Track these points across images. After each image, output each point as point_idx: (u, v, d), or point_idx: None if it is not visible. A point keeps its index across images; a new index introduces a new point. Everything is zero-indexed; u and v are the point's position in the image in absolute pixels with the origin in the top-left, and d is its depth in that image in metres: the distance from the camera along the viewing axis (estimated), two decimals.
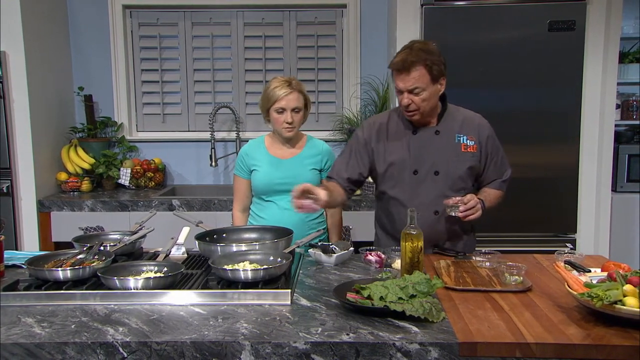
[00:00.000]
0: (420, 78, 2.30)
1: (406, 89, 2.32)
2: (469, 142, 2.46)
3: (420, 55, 2.29)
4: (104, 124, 4.31)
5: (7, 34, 3.65)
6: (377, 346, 1.54)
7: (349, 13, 4.26)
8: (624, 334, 1.55)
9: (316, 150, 2.77)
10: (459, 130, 2.47)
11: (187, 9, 4.31)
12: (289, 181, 2.64)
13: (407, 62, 2.28)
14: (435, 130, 2.46)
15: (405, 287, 1.75)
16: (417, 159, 2.45)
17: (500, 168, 2.55)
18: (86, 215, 3.76)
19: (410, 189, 2.45)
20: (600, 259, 2.28)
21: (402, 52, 2.33)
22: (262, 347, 1.55)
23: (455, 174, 2.44)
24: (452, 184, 2.44)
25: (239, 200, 2.83)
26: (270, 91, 2.64)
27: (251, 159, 2.75)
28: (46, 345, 1.55)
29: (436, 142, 2.45)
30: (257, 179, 2.72)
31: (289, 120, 2.64)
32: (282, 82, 2.65)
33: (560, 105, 3.55)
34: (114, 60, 4.31)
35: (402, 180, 2.46)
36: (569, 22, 3.47)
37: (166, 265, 2.06)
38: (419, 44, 2.35)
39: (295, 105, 2.64)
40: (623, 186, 3.96)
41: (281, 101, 2.62)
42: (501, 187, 2.57)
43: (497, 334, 1.58)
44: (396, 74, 2.34)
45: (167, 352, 1.55)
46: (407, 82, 2.31)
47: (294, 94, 2.63)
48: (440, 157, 2.44)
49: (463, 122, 2.49)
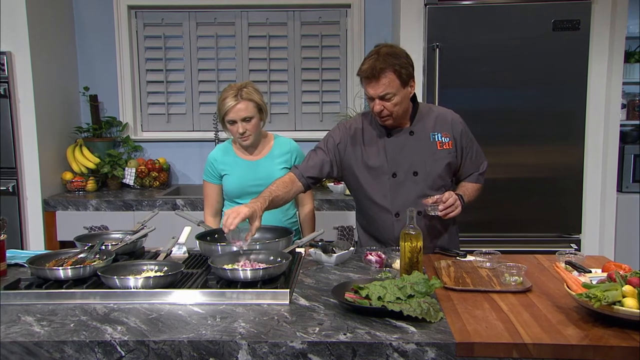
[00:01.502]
0: (390, 84, 2.28)
1: (377, 96, 2.30)
2: (444, 139, 2.45)
3: (388, 61, 2.26)
4: (109, 123, 4.33)
5: (13, 35, 3.68)
6: (373, 346, 1.54)
7: (353, 13, 4.26)
8: (623, 335, 1.54)
9: (285, 148, 2.76)
10: (432, 129, 2.46)
11: (191, 9, 4.33)
12: (263, 182, 2.60)
13: (376, 69, 2.25)
14: (410, 131, 2.45)
15: (403, 287, 1.75)
16: (394, 161, 2.44)
17: (476, 161, 2.56)
18: (91, 215, 3.78)
19: (391, 192, 2.45)
20: (601, 260, 2.27)
21: (370, 58, 2.30)
22: (259, 347, 1.55)
23: (434, 173, 2.44)
24: (432, 183, 2.44)
25: (209, 205, 2.82)
26: (220, 103, 2.62)
27: (220, 164, 2.74)
28: (45, 343, 1.56)
29: (411, 143, 2.44)
30: (229, 183, 2.72)
31: (240, 130, 2.61)
32: (231, 92, 2.61)
33: (564, 105, 3.54)
34: (119, 61, 4.33)
35: (381, 183, 2.46)
36: (573, 22, 3.46)
37: (166, 265, 2.07)
38: (386, 48, 2.32)
39: (244, 115, 2.60)
40: (629, 186, 3.94)
41: (230, 113, 2.59)
42: (479, 180, 2.58)
43: (495, 334, 1.57)
44: (366, 81, 2.31)
45: (165, 351, 1.56)
46: (378, 89, 2.29)
47: (242, 104, 2.59)
48: (417, 157, 2.43)
49: (436, 120, 2.48)
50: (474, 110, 3.54)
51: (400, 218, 2.41)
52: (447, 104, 3.34)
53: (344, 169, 2.52)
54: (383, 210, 2.46)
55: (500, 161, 3.51)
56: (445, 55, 3.50)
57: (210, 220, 2.81)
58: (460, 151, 2.49)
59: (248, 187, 2.68)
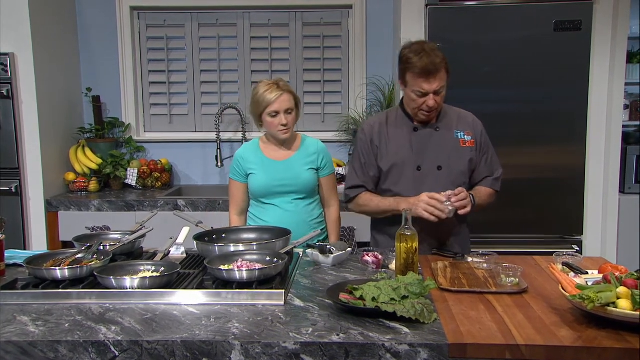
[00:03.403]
0: (443, 77, 2.37)
1: (433, 91, 2.35)
2: (467, 137, 2.52)
3: (440, 55, 2.35)
4: (112, 124, 4.34)
5: (16, 36, 3.69)
6: (366, 347, 1.54)
7: (354, 14, 4.26)
8: (616, 337, 1.53)
9: (312, 149, 2.76)
10: (456, 126, 2.53)
11: (193, 10, 4.34)
12: (288, 182, 2.65)
13: (435, 65, 2.31)
14: (436, 127, 2.51)
15: (397, 288, 1.75)
16: (420, 155, 2.48)
17: (491, 165, 2.59)
18: (93, 215, 3.80)
19: (414, 185, 2.47)
20: (599, 261, 2.26)
21: (422, 54, 2.32)
22: (252, 347, 1.55)
23: (457, 169, 2.49)
24: (455, 179, 2.47)
25: (235, 204, 2.81)
26: (260, 96, 2.63)
27: (247, 163, 2.74)
28: (39, 343, 1.57)
29: (437, 138, 2.50)
30: (255, 183, 2.72)
31: (283, 122, 2.63)
32: (270, 85, 2.63)
33: (566, 106, 3.52)
34: (121, 61, 4.34)
35: (405, 177, 2.49)
36: (575, 22, 3.45)
37: (163, 265, 2.08)
38: (428, 44, 2.38)
39: (287, 106, 2.63)
40: (631, 187, 3.92)
41: (274, 104, 2.61)
42: (493, 185, 2.59)
43: (488, 335, 1.57)
44: (422, 77, 2.33)
45: (158, 351, 1.57)
46: (434, 84, 2.34)
47: (285, 96, 2.62)
48: (441, 152, 2.48)
49: (459, 119, 2.56)
50: (475, 111, 3.47)
51: None
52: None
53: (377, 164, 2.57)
54: None
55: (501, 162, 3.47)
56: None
57: (235, 219, 2.81)
58: (478, 151, 2.54)
59: (273, 187, 2.68)
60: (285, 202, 2.69)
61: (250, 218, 2.80)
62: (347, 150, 4.27)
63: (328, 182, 2.80)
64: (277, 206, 2.70)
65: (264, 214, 2.73)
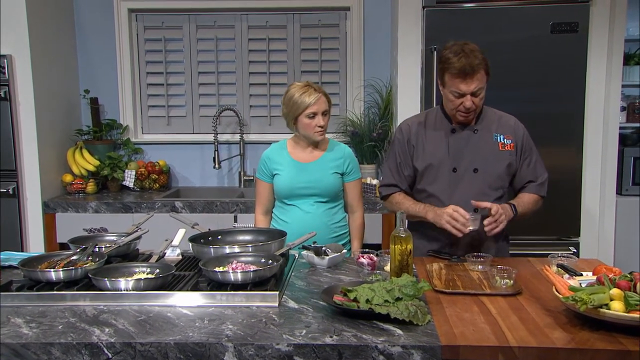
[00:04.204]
0: (482, 79, 2.35)
1: (470, 92, 2.34)
2: (506, 140, 2.48)
3: (479, 57, 2.33)
4: (110, 126, 4.34)
5: (13, 38, 3.70)
6: (359, 348, 1.54)
7: (352, 16, 4.27)
8: (609, 338, 1.54)
9: (339, 153, 2.76)
10: (496, 130, 2.49)
11: (191, 12, 4.34)
12: (312, 185, 2.66)
13: (473, 66, 2.30)
14: (474, 129, 2.49)
15: (391, 289, 1.75)
16: (456, 156, 2.47)
17: (534, 170, 2.53)
18: (90, 217, 3.80)
19: (449, 187, 2.47)
20: (595, 263, 2.26)
21: (460, 55, 2.31)
22: (245, 349, 1.56)
23: (494, 172, 2.46)
24: (491, 182, 2.46)
25: (260, 203, 2.82)
26: (299, 98, 2.62)
27: (273, 163, 2.75)
28: (32, 345, 1.57)
29: (474, 141, 2.48)
30: (279, 183, 2.72)
31: (321, 123, 2.64)
32: (307, 88, 2.64)
33: (563, 108, 3.52)
34: (119, 63, 4.35)
35: (441, 178, 2.48)
36: (571, 24, 3.44)
37: (158, 267, 2.08)
38: (469, 45, 2.36)
39: (325, 108, 2.66)
40: (628, 189, 3.92)
41: (313, 106, 2.61)
42: (538, 191, 2.52)
43: (481, 337, 1.57)
44: (459, 78, 2.33)
45: (151, 353, 1.57)
46: (471, 85, 2.33)
47: (322, 97, 2.65)
48: (478, 155, 2.46)
49: (499, 122, 2.52)
50: None
51: None
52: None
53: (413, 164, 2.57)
54: (440, 205, 2.43)
55: None
56: None
57: (260, 218, 2.83)
58: (519, 155, 2.50)
59: (297, 189, 2.69)
60: (307, 204, 2.69)
61: (273, 219, 2.82)
62: None
63: (353, 188, 2.79)
64: (298, 207, 2.70)
65: (286, 214, 2.73)
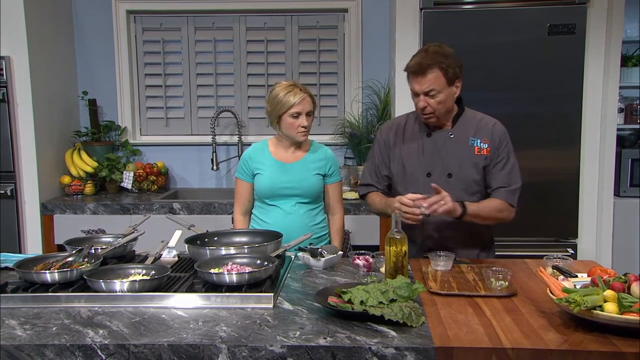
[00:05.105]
0: (436, 80, 2.33)
1: (422, 92, 2.35)
2: (483, 144, 2.45)
3: (436, 58, 2.32)
4: (108, 127, 4.35)
5: (11, 39, 3.70)
6: (353, 350, 1.54)
7: (350, 17, 4.27)
8: (602, 340, 1.54)
9: (321, 155, 2.77)
10: (473, 134, 2.47)
11: (190, 14, 4.35)
12: (294, 185, 2.66)
13: (423, 65, 2.31)
14: (450, 133, 2.48)
15: (386, 291, 1.75)
16: (431, 161, 2.47)
17: (508, 176, 2.46)
18: (88, 218, 3.80)
19: (424, 191, 2.44)
20: (590, 264, 2.26)
21: (418, 55, 2.36)
22: (239, 350, 1.56)
23: (469, 177, 2.45)
24: (466, 187, 2.45)
25: (240, 203, 2.81)
26: (283, 97, 2.62)
27: (255, 163, 2.75)
28: (26, 347, 1.57)
29: (450, 145, 2.46)
30: (261, 183, 2.72)
31: (304, 124, 2.65)
32: (291, 87, 2.64)
33: (561, 109, 3.52)
34: (118, 65, 4.35)
35: (416, 182, 2.48)
36: (569, 26, 3.44)
37: (154, 269, 2.08)
38: (435, 47, 2.37)
39: (309, 109, 2.66)
40: (626, 191, 3.92)
41: (297, 106, 2.61)
42: (506, 197, 2.44)
43: (475, 339, 1.57)
44: (412, 76, 2.36)
45: (145, 355, 1.57)
46: (423, 85, 2.33)
47: (307, 98, 2.65)
48: (453, 160, 2.45)
49: (478, 126, 2.48)
50: None
51: (430, 218, 2.37)
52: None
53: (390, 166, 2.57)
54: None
55: None
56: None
57: (239, 219, 2.82)
58: (493, 157, 2.45)
59: (279, 189, 2.69)
60: (288, 204, 2.69)
61: (252, 219, 2.81)
62: (342, 153, 4.27)
63: (334, 190, 2.80)
64: (279, 208, 2.70)
65: (266, 215, 2.73)
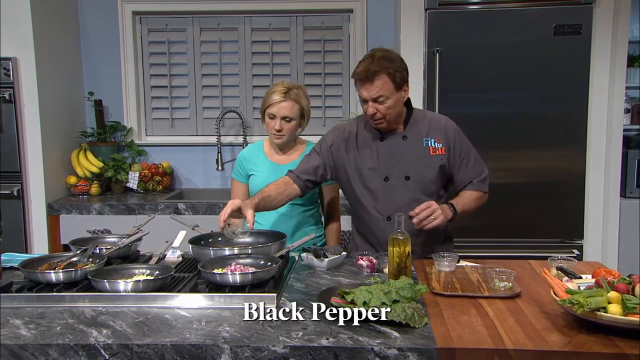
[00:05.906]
0: (384, 86, 2.31)
1: (370, 98, 2.33)
2: (437, 144, 2.45)
3: (382, 64, 2.30)
4: (114, 128, 4.37)
5: (18, 40, 3.72)
6: (355, 351, 1.54)
7: (355, 18, 4.27)
8: (606, 342, 1.53)
9: None
10: (426, 134, 2.46)
11: (195, 14, 4.36)
12: None
13: (370, 72, 2.29)
14: (403, 135, 2.47)
15: (389, 292, 1.75)
16: (387, 165, 2.45)
17: (475, 168, 2.51)
18: (94, 218, 3.81)
19: (382, 195, 2.46)
20: (595, 266, 2.25)
21: (364, 61, 2.34)
22: (241, 351, 1.56)
23: (426, 178, 2.45)
24: (424, 188, 2.45)
25: None
26: (267, 95, 2.65)
27: (249, 164, 2.75)
28: (29, 346, 1.58)
29: (404, 148, 2.46)
30: (255, 184, 2.72)
31: (277, 127, 2.63)
32: (280, 88, 2.64)
33: (566, 110, 3.51)
34: (123, 66, 4.37)
35: (374, 187, 2.47)
36: (575, 26, 3.43)
37: (158, 269, 2.08)
38: (381, 52, 2.35)
39: (285, 114, 2.62)
40: (632, 191, 3.90)
41: (273, 107, 2.62)
42: (480, 187, 2.51)
43: (477, 340, 1.57)
44: (360, 83, 2.35)
45: (148, 355, 1.57)
46: (371, 91, 2.32)
47: (288, 103, 2.62)
48: (409, 162, 2.44)
49: (430, 125, 2.48)
50: (475, 115, 3.53)
51: (391, 222, 2.41)
52: (447, 108, 3.36)
53: (337, 172, 2.55)
54: (375, 214, 2.47)
55: (501, 166, 3.50)
56: (446, 60, 3.49)
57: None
58: (454, 157, 2.48)
59: None
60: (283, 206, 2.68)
61: None
62: None
63: (330, 192, 2.80)
64: None
65: (260, 216, 2.72)
